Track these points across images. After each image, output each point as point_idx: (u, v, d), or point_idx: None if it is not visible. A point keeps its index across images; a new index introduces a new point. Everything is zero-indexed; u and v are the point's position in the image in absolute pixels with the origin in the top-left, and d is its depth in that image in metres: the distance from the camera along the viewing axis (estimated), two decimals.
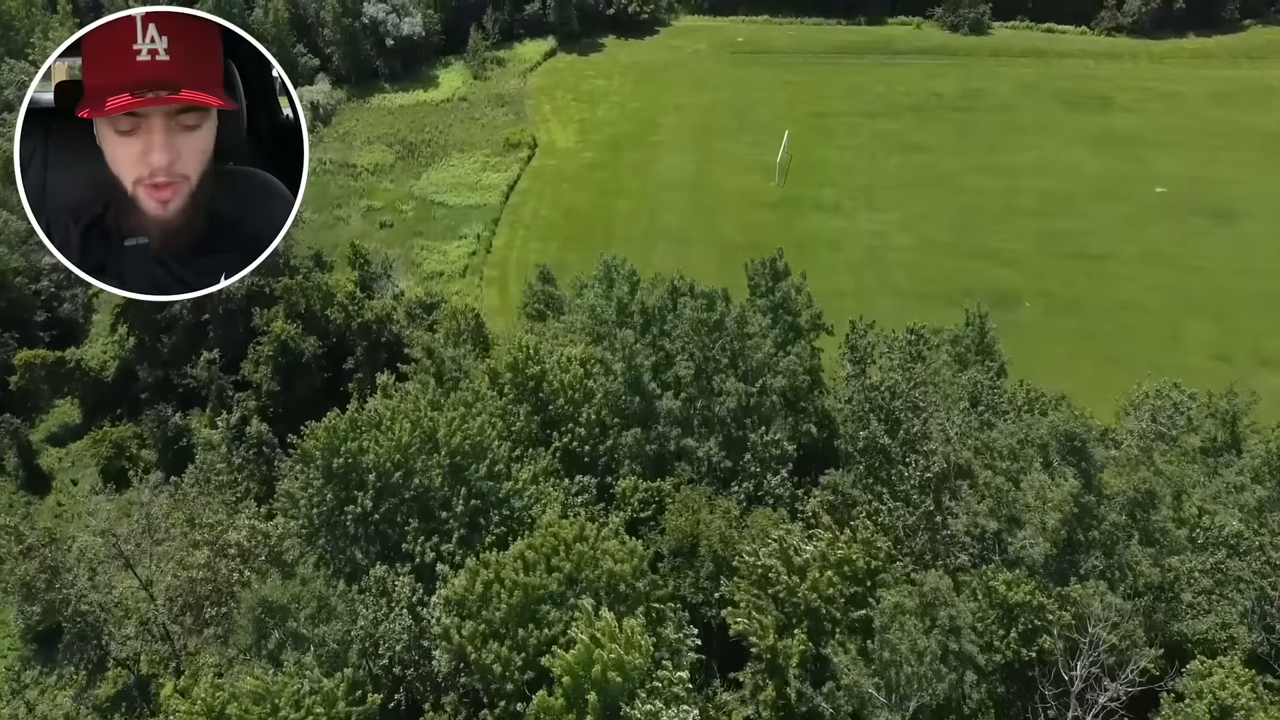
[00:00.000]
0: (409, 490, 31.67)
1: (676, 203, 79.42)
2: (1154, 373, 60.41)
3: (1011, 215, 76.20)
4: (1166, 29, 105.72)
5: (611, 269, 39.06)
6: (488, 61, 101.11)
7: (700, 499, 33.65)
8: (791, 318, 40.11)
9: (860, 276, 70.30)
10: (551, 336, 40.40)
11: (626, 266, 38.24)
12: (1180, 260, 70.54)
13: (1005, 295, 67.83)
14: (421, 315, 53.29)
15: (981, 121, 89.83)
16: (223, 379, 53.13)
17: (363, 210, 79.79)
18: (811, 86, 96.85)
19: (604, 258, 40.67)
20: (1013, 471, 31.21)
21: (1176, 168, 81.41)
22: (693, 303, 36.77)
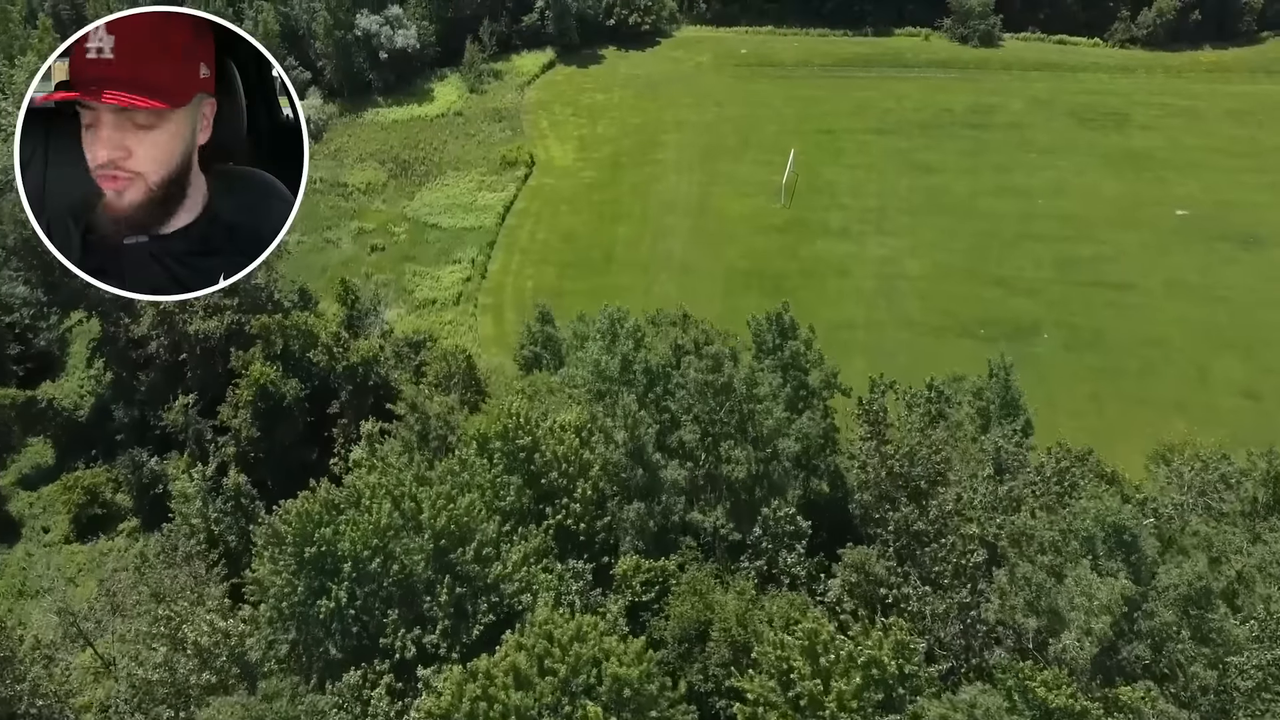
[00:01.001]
0: (389, 577, 28.77)
1: (679, 227, 76.47)
2: (1181, 413, 58.54)
3: (1027, 241, 73.26)
4: (1181, 41, 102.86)
5: (616, 323, 36.14)
6: (484, 74, 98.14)
7: (708, 581, 30.74)
8: (802, 374, 37.09)
9: (871, 306, 67.37)
10: (548, 391, 37.49)
11: (631, 321, 35.34)
12: (1205, 290, 67.63)
13: (1022, 326, 65.07)
14: (410, 355, 50.31)
15: (994, 139, 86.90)
16: (200, 423, 50.19)
17: (353, 232, 76.88)
18: (818, 101, 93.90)
19: (607, 309, 37.75)
20: (1055, 565, 28.28)
21: (1197, 190, 78.51)
22: (698, 363, 33.87)
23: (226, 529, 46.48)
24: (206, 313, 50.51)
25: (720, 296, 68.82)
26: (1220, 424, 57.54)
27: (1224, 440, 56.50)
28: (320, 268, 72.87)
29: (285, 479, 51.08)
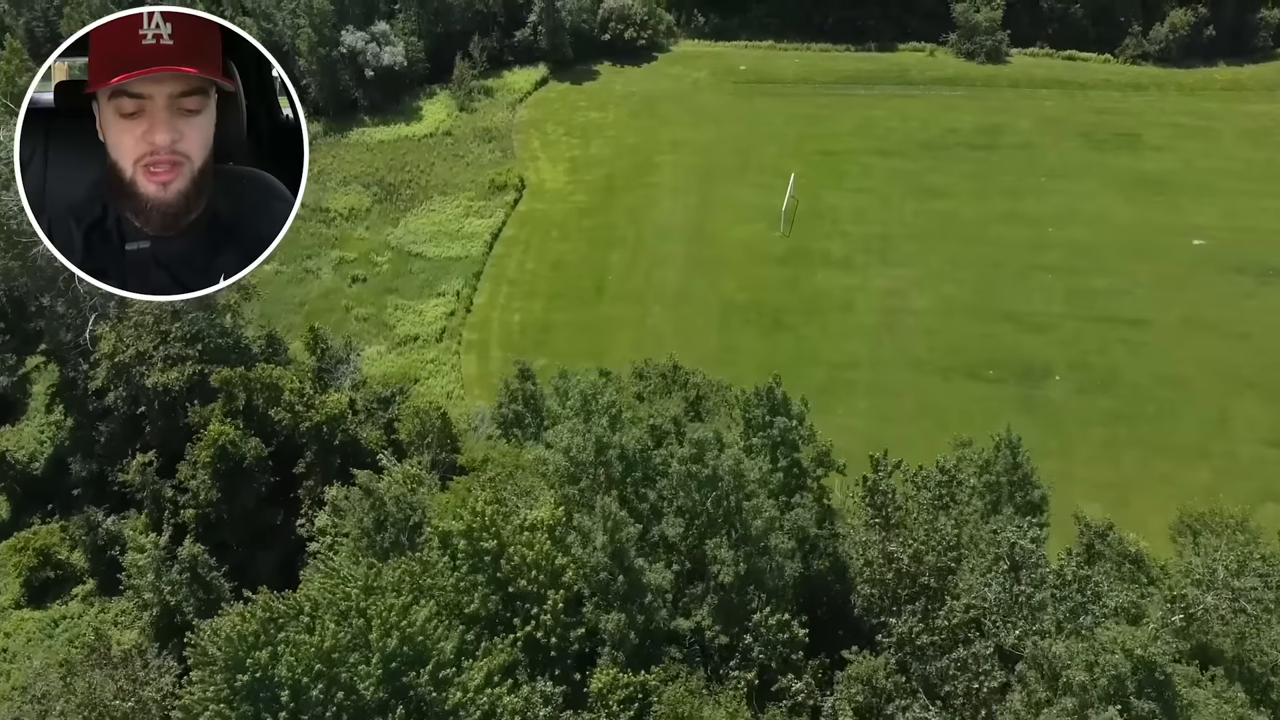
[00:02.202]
0: (333, 704, 25.64)
1: (674, 255, 73.28)
2: (1202, 462, 55.34)
3: (1038, 272, 70.03)
4: (1195, 57, 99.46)
5: (589, 400, 32.95)
6: (474, 92, 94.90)
7: (694, 702, 27.60)
8: (794, 453, 33.84)
9: (875, 344, 64.18)
10: (520, 471, 34.33)
11: (606, 396, 32.21)
12: (1225, 326, 64.36)
13: (1033, 366, 61.89)
14: (380, 411, 47.17)
15: (1002, 162, 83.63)
16: (159, 483, 47.07)
17: (334, 262, 73.70)
18: (820, 121, 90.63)
19: (581, 387, 34.59)
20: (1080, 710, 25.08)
21: (1215, 217, 75.21)
22: (680, 450, 30.71)
23: (183, 600, 43.47)
24: (166, 364, 47.41)
25: (716, 332, 65.76)
26: (1244, 475, 54.59)
27: (1251, 493, 53.96)
28: (298, 301, 69.90)
29: (250, 541, 48.40)
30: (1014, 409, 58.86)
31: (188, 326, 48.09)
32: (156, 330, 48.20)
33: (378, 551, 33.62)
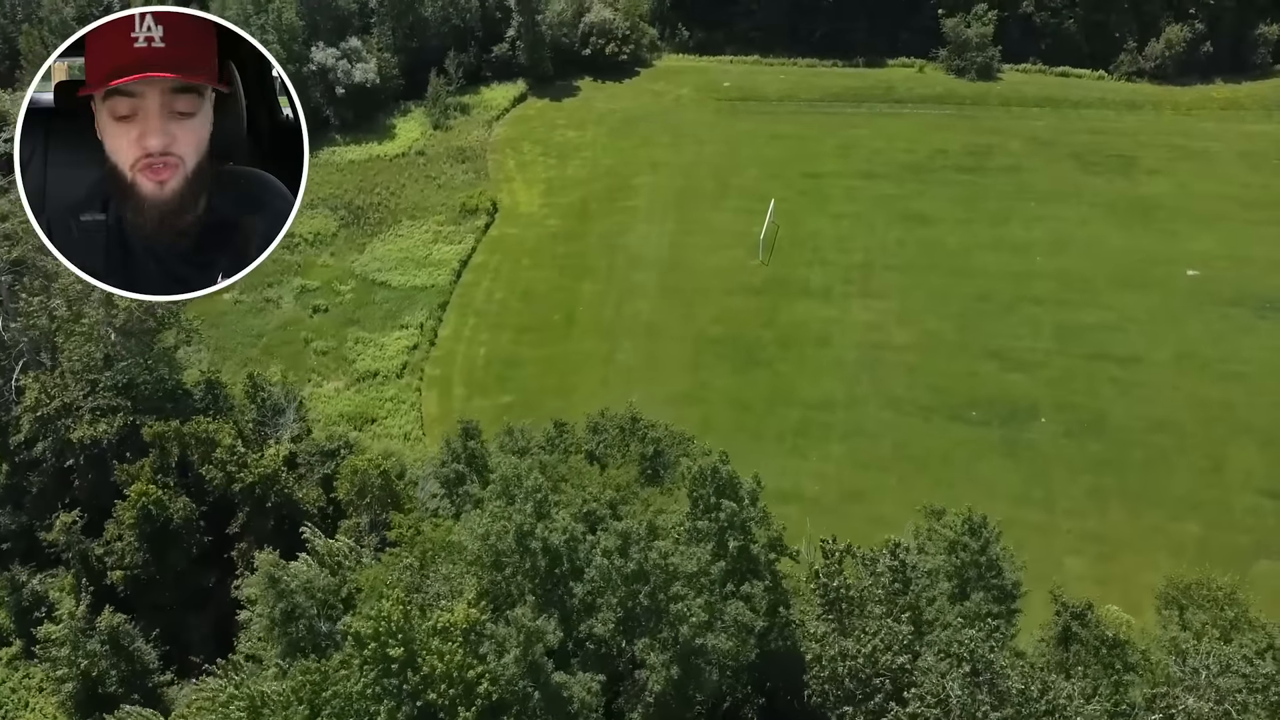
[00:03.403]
0: None
1: (648, 285, 70.60)
2: (1194, 514, 52.60)
3: (1025, 304, 67.32)
4: (1191, 74, 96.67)
5: (510, 484, 30.22)
6: (450, 109, 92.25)
7: None
8: (744, 537, 31.07)
9: (853, 382, 61.45)
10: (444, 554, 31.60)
11: (532, 478, 29.42)
12: (1220, 364, 61.62)
13: (1018, 407, 59.19)
14: (319, 466, 44.51)
15: (990, 185, 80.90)
16: (85, 543, 44.44)
17: (296, 290, 71.04)
18: (803, 141, 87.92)
19: (503, 470, 31.76)
20: None
21: (1211, 245, 72.44)
22: (605, 541, 28.00)
23: (105, 671, 40.93)
24: (95, 415, 44.78)
25: (689, 369, 63.10)
26: (1238, 528, 51.95)
27: (1244, 549, 51.28)
28: (256, 333, 67.33)
29: (183, 604, 45.80)
30: (997, 453, 56.49)
31: (119, 375, 45.45)
32: (86, 379, 45.57)
33: (290, 644, 30.94)
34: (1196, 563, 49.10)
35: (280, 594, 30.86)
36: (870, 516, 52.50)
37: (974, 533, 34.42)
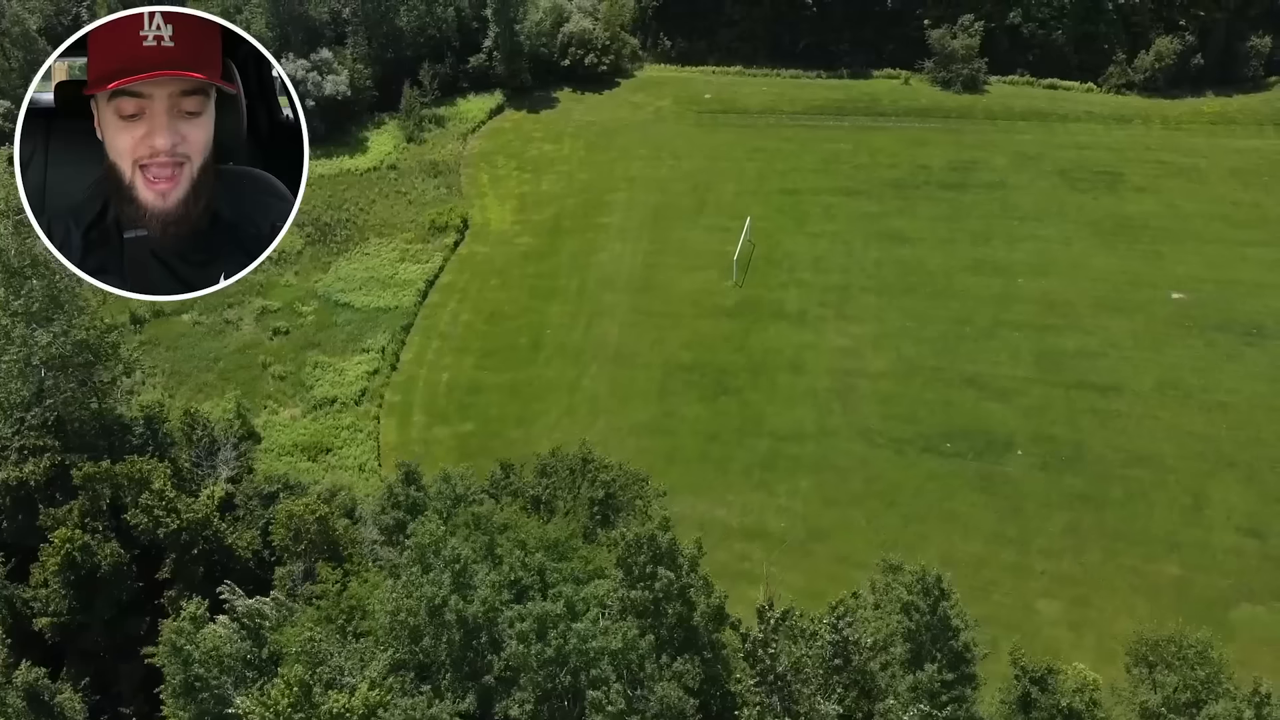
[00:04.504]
0: None
1: (618, 307, 68.67)
2: (1173, 554, 50.67)
3: (1005, 329, 65.38)
4: (1182, 87, 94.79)
5: (426, 552, 28.31)
6: (424, 121, 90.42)
7: None
8: (681, 606, 29.08)
9: (825, 411, 59.51)
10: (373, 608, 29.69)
11: (449, 548, 27.50)
12: (1203, 393, 59.67)
13: (995, 439, 57.27)
14: (259, 510, 42.63)
15: (974, 203, 78.98)
16: (9, 588, 42.53)
17: (256, 312, 69.11)
18: (784, 156, 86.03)
19: (419, 537, 29.79)
20: None
21: (1197, 267, 70.53)
22: (520, 625, 26.07)
23: None
24: (21, 455, 42.92)
25: (656, 397, 61.20)
26: (1218, 569, 50.01)
27: (1224, 591, 49.34)
28: (213, 356, 65.45)
29: (113, 651, 43.91)
30: (971, 488, 54.61)
31: (47, 413, 43.57)
32: (15, 417, 43.71)
33: (199, 714, 29.08)
34: (1175, 607, 47.56)
35: (185, 663, 29.02)
36: (836, 555, 50.80)
37: (926, 593, 32.50)
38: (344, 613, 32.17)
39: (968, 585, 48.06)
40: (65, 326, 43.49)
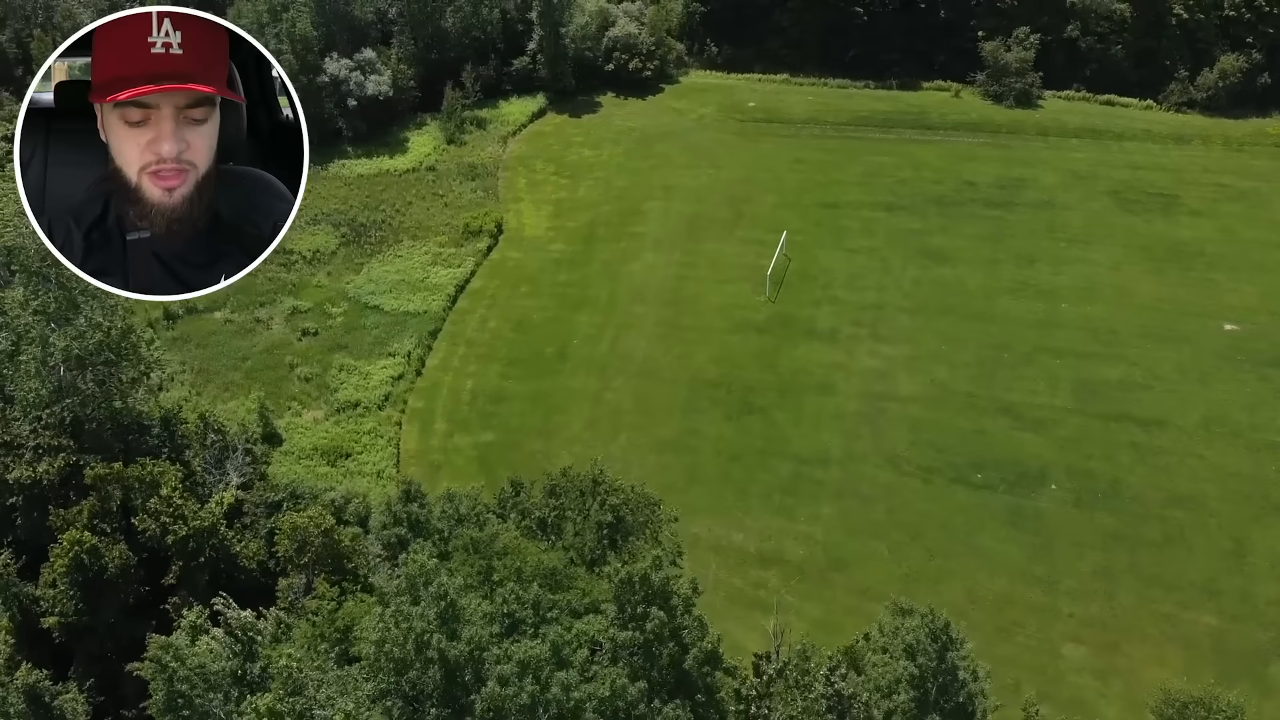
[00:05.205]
0: None
1: (647, 320, 67.66)
2: (1210, 602, 48.42)
3: (1045, 355, 63.24)
4: (1247, 106, 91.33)
5: (415, 583, 27.64)
6: (465, 123, 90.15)
7: None
8: (676, 650, 28.03)
9: (852, 435, 57.96)
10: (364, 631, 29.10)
11: (437, 583, 26.75)
12: (1252, 432, 57.12)
13: (1027, 471, 55.32)
14: (264, 518, 42.41)
15: (1020, 222, 76.67)
16: (19, 585, 42.78)
17: (287, 312, 69.20)
18: (825, 168, 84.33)
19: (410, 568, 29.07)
20: None
21: (1252, 298, 67.71)
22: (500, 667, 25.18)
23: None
24: (35, 455, 43.15)
25: (679, 413, 60.09)
26: (1258, 620, 47.70)
27: (1263, 645, 47.05)
28: (241, 355, 65.60)
29: (119, 653, 43.94)
30: (999, 522, 52.79)
31: (64, 412, 43.76)
32: (32, 416, 43.96)
33: None
34: (1210, 659, 45.48)
35: (169, 679, 28.67)
36: (856, 587, 49.39)
37: (934, 638, 31.07)
38: (337, 631, 31.60)
39: (991, 625, 46.77)
40: (84, 327, 43.59)
